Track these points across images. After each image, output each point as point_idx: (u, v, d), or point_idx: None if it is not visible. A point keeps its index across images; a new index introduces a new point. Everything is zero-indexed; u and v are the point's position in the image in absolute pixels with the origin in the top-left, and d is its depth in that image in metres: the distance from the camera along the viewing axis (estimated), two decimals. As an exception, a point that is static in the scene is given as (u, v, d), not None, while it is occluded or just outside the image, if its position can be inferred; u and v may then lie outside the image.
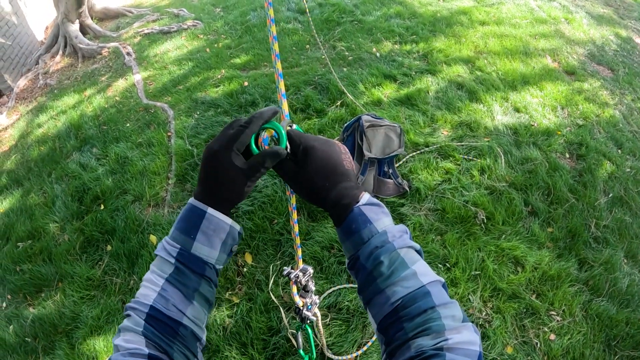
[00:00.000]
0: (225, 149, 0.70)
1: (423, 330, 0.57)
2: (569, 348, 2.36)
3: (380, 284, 0.64)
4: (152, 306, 0.65)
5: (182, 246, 0.69)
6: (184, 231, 0.69)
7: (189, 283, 0.68)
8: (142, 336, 0.63)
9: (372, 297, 0.65)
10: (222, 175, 0.70)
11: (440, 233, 2.86)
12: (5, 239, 3.39)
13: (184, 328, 0.66)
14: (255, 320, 2.38)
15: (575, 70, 4.93)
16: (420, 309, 0.59)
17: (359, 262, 0.68)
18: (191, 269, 0.68)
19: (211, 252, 0.70)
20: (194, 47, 5.81)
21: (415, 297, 0.60)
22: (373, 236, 0.67)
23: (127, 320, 0.65)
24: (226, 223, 0.71)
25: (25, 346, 2.57)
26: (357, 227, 0.68)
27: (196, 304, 0.69)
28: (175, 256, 0.68)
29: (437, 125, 3.77)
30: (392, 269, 0.64)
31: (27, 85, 6.42)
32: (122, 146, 3.92)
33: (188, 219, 0.70)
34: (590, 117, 4.16)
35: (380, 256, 0.65)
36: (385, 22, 5.65)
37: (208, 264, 0.70)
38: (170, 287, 0.67)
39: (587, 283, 2.73)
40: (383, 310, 0.63)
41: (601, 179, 3.48)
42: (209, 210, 0.69)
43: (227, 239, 0.72)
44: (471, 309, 2.46)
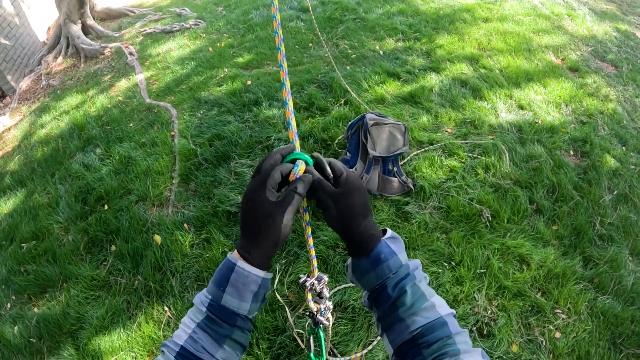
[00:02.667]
0: (259, 188, 0.72)
1: (440, 355, 0.63)
2: (575, 346, 2.36)
3: (401, 314, 0.70)
4: (183, 346, 0.69)
5: (212, 297, 0.72)
6: (216, 283, 0.72)
7: (220, 330, 0.71)
8: None
9: (392, 324, 0.71)
10: (259, 214, 0.72)
11: (445, 231, 2.85)
12: (9, 239, 3.39)
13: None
14: (261, 319, 2.37)
15: (578, 67, 4.91)
16: (438, 337, 0.66)
17: (385, 292, 0.72)
18: (222, 320, 0.71)
19: (241, 305, 0.71)
20: (197, 46, 5.81)
21: (434, 326, 0.67)
22: (400, 266, 0.73)
23: (161, 356, 0.70)
24: (257, 276, 0.72)
25: (31, 347, 2.56)
26: (385, 257, 0.73)
27: (227, 348, 0.71)
28: (206, 306, 0.71)
29: (441, 123, 3.76)
30: (413, 300, 0.70)
31: (29, 86, 6.43)
32: (125, 146, 3.91)
33: (220, 271, 0.73)
34: (594, 114, 4.14)
35: (405, 286, 0.71)
36: (388, 20, 5.64)
37: (240, 315, 0.72)
38: (200, 331, 0.70)
39: (592, 281, 2.73)
40: (402, 337, 0.69)
41: (606, 176, 3.46)
42: (238, 263, 0.71)
43: (260, 290, 0.73)
44: (476, 307, 2.45)
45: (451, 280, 2.56)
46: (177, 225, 3.01)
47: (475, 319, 2.41)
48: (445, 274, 2.58)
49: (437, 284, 2.53)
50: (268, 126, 3.73)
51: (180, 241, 2.90)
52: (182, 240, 2.90)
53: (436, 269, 2.60)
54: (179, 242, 2.90)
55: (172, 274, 2.73)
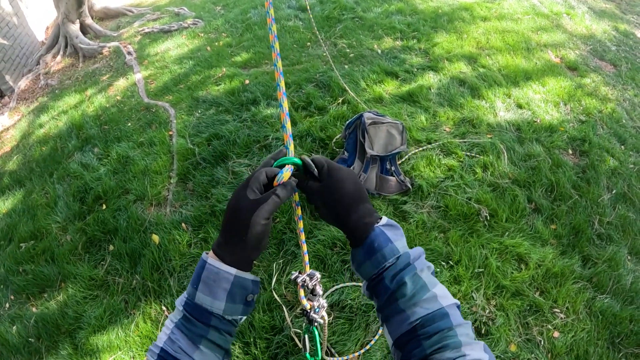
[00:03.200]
0: (243, 187, 0.74)
1: (441, 347, 0.62)
2: (573, 345, 2.36)
3: (401, 305, 0.68)
4: (162, 348, 0.70)
5: (188, 296, 0.73)
6: (191, 282, 0.73)
7: (195, 330, 0.71)
8: None
9: (391, 315, 0.70)
10: (234, 210, 0.73)
11: (443, 230, 2.85)
12: (7, 239, 3.39)
13: None
14: (258, 319, 2.37)
15: (577, 66, 4.90)
16: (438, 329, 0.64)
17: (382, 284, 0.71)
18: (196, 318, 0.71)
19: (214, 302, 0.71)
20: (195, 45, 5.80)
21: (434, 317, 0.65)
22: (398, 257, 0.71)
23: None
24: (228, 273, 0.71)
25: (29, 347, 2.57)
26: (379, 245, 0.72)
27: (204, 349, 0.71)
28: (183, 305, 0.72)
29: (440, 122, 3.76)
30: (414, 291, 0.68)
31: (28, 85, 6.42)
32: (123, 146, 3.91)
33: (196, 270, 0.74)
34: (593, 113, 4.14)
35: (404, 278, 0.69)
36: (387, 19, 5.64)
37: (214, 314, 0.71)
38: (177, 331, 0.71)
39: (591, 280, 2.72)
40: (401, 329, 0.67)
41: (604, 175, 3.46)
42: (208, 260, 0.72)
43: (234, 289, 0.72)
44: (474, 306, 2.45)
45: (449, 280, 2.56)
46: (175, 225, 3.01)
47: (474, 318, 2.41)
48: (443, 273, 2.58)
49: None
50: (266, 125, 3.73)
51: (178, 240, 2.89)
52: (180, 240, 2.90)
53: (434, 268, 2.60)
54: (177, 242, 2.89)
55: (170, 274, 2.73)
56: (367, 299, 2.39)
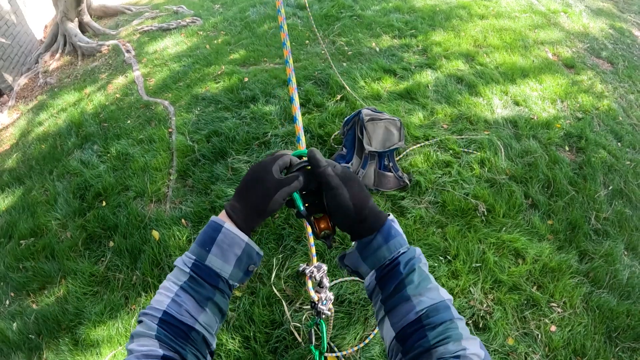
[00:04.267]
0: (270, 162, 0.77)
1: (444, 338, 0.63)
2: (570, 339, 2.38)
3: (408, 291, 0.70)
4: (165, 311, 0.68)
5: (197, 257, 0.73)
6: (201, 244, 0.73)
7: (203, 291, 0.71)
8: (155, 339, 0.65)
9: (397, 305, 0.70)
10: (260, 182, 0.76)
11: (440, 226, 2.87)
12: (7, 236, 3.40)
13: (196, 333, 0.69)
14: (258, 313, 2.39)
15: (574, 64, 4.93)
16: (442, 319, 0.66)
17: (397, 268, 0.73)
18: (205, 280, 0.72)
19: (224, 266, 0.73)
20: (194, 43, 5.81)
21: (438, 308, 0.67)
22: (409, 247, 0.75)
23: (140, 326, 0.68)
24: (242, 239, 0.74)
25: (29, 343, 2.58)
26: (396, 232, 0.76)
27: (209, 311, 0.72)
28: (190, 266, 0.72)
29: (437, 119, 3.78)
30: (420, 279, 0.71)
31: (27, 84, 6.42)
32: (123, 143, 3.92)
33: (206, 232, 0.74)
34: (589, 110, 4.16)
35: (414, 265, 0.72)
36: (385, 17, 5.65)
37: (222, 277, 0.73)
38: (184, 293, 0.70)
39: (587, 275, 2.75)
40: (407, 319, 0.68)
41: (601, 172, 3.49)
42: (225, 224, 0.74)
43: (242, 256, 0.75)
44: (472, 300, 2.47)
45: (447, 274, 2.58)
46: (175, 221, 3.03)
47: (471, 312, 2.43)
48: (441, 268, 2.60)
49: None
50: (265, 122, 3.74)
51: (178, 236, 2.91)
52: (179, 236, 2.91)
53: (432, 263, 2.62)
54: (177, 238, 2.91)
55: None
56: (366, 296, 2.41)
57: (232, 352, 2.25)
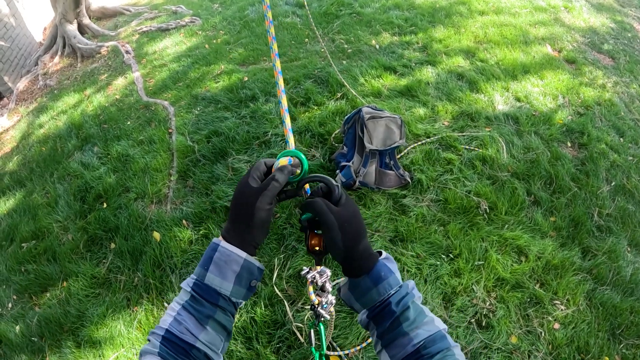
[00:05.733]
0: (245, 177, 0.80)
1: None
2: (574, 337, 2.37)
3: (405, 328, 0.73)
4: (167, 329, 0.71)
5: (197, 277, 0.76)
6: (202, 264, 0.76)
7: (203, 310, 0.73)
8: (158, 356, 0.68)
9: (395, 339, 0.73)
10: (239, 198, 0.78)
11: (442, 224, 2.86)
12: (9, 239, 3.40)
13: (197, 351, 0.71)
14: (260, 314, 2.38)
15: (575, 59, 4.90)
16: (439, 349, 0.69)
17: (388, 308, 0.75)
18: (205, 298, 0.74)
19: (223, 283, 0.74)
20: (193, 43, 5.80)
21: (435, 339, 0.71)
22: (400, 286, 0.77)
23: (147, 344, 0.71)
24: (239, 256, 0.76)
25: (32, 345, 2.58)
26: (385, 274, 0.77)
27: (210, 330, 0.73)
28: (191, 286, 0.75)
29: (438, 116, 3.76)
30: (416, 315, 0.74)
31: (27, 86, 6.42)
32: (123, 144, 3.92)
33: (206, 253, 0.77)
34: (591, 106, 4.14)
35: (407, 303, 0.75)
36: (384, 14, 5.63)
37: (222, 295, 0.75)
38: (184, 312, 0.73)
39: (590, 272, 2.74)
40: (405, 351, 0.71)
41: (603, 168, 3.47)
42: (221, 243, 0.76)
43: (242, 272, 0.76)
44: (475, 299, 2.46)
45: (449, 273, 2.57)
46: (176, 222, 3.02)
47: (474, 310, 2.42)
48: (443, 266, 2.59)
49: (436, 276, 2.54)
50: (265, 122, 3.73)
51: (179, 237, 2.90)
52: (181, 237, 2.91)
53: (434, 261, 2.61)
54: (178, 239, 2.90)
55: (172, 270, 2.74)
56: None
57: (235, 353, 2.25)
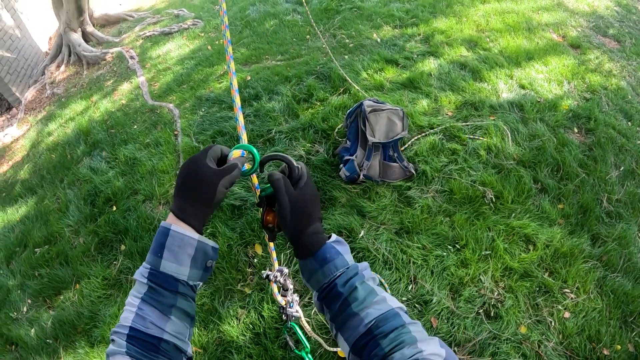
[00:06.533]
0: (201, 155, 0.77)
1: (398, 344, 0.64)
2: (584, 326, 2.33)
3: (354, 308, 0.71)
4: (131, 327, 0.68)
5: (152, 266, 0.71)
6: (153, 251, 0.72)
7: (164, 300, 0.71)
8: (126, 356, 0.65)
9: (346, 321, 0.71)
10: (199, 177, 0.75)
11: (448, 214, 2.84)
12: (22, 245, 3.48)
13: (165, 343, 0.69)
14: (267, 309, 2.40)
15: (580, 44, 4.83)
16: (393, 327, 0.66)
17: (335, 290, 0.74)
18: (163, 287, 0.71)
19: (180, 269, 0.72)
20: (196, 45, 5.84)
21: (387, 317, 0.68)
22: (347, 267, 0.76)
23: (112, 345, 0.68)
24: (192, 238, 0.73)
25: (47, 347, 2.64)
26: (331, 256, 0.76)
27: (175, 319, 0.72)
28: (147, 276, 0.71)
29: (441, 107, 3.74)
30: (366, 295, 0.72)
31: (35, 96, 6.53)
32: (130, 148, 3.97)
33: (156, 239, 0.73)
34: (597, 90, 4.08)
35: (355, 283, 0.73)
36: (385, 7, 5.60)
37: (180, 280, 0.72)
38: (146, 305, 0.70)
39: (601, 259, 2.69)
40: (357, 332, 0.69)
41: (612, 153, 3.41)
42: (172, 226, 0.72)
43: (197, 255, 0.74)
44: (482, 289, 2.44)
45: (456, 263, 2.56)
46: (183, 222, 3.05)
47: (482, 301, 2.40)
48: (450, 257, 2.58)
49: (442, 267, 2.53)
50: (269, 119, 3.75)
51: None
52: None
53: (441, 252, 2.60)
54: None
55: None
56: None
57: (244, 349, 2.27)
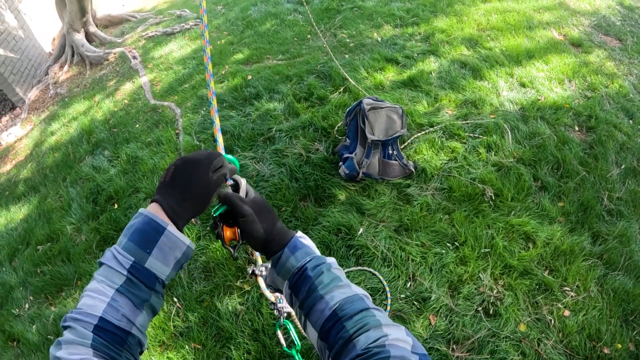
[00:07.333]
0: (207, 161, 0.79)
1: (362, 326, 0.64)
2: (585, 324, 2.31)
3: (320, 291, 0.73)
4: (102, 317, 0.64)
5: (135, 259, 0.69)
6: (140, 244, 0.70)
7: (140, 294, 0.69)
8: (90, 348, 0.61)
9: (313, 305, 0.73)
10: (201, 183, 0.78)
11: (447, 212, 2.84)
12: (25, 243, 3.51)
13: (132, 337, 0.68)
14: (266, 305, 2.41)
15: (581, 42, 4.81)
16: (357, 309, 0.68)
17: (305, 274, 0.77)
18: (143, 282, 0.70)
19: (164, 269, 0.72)
20: (197, 45, 5.87)
21: (352, 300, 0.70)
22: (316, 255, 0.81)
23: (70, 332, 0.62)
24: (184, 242, 0.74)
25: (49, 344, 2.63)
26: (302, 245, 0.83)
27: (144, 313, 0.71)
28: (127, 268, 0.68)
29: (441, 105, 3.74)
30: (330, 279, 0.75)
31: (38, 96, 6.58)
32: (132, 146, 4.00)
33: (145, 232, 0.71)
34: (599, 89, 4.06)
35: (322, 269, 0.77)
36: (385, 6, 5.60)
37: (159, 279, 0.72)
38: (121, 297, 0.67)
39: (601, 257, 2.68)
40: (323, 315, 0.70)
41: (613, 151, 3.39)
42: (169, 227, 0.72)
43: (182, 259, 0.75)
44: (482, 287, 2.44)
45: (455, 261, 2.56)
46: (184, 220, 3.06)
47: (481, 298, 2.39)
48: (449, 255, 2.58)
49: (441, 265, 2.53)
50: (269, 118, 3.76)
51: (187, 234, 2.95)
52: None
53: (440, 250, 2.60)
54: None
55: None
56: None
57: (242, 345, 2.28)
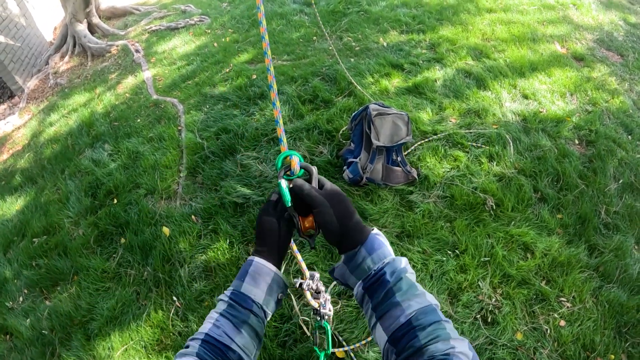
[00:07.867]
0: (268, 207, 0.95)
1: (434, 338, 0.68)
2: (579, 334, 2.36)
3: (398, 298, 0.76)
4: (207, 334, 0.80)
5: (234, 288, 0.88)
6: (238, 277, 0.89)
7: (239, 315, 0.83)
8: (195, 357, 0.76)
9: (388, 310, 0.76)
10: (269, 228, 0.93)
11: (449, 220, 2.87)
12: (21, 235, 3.46)
13: (232, 352, 0.79)
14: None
15: (584, 56, 4.87)
16: (431, 321, 0.71)
17: (383, 277, 0.79)
18: (240, 305, 0.84)
19: (257, 292, 0.86)
20: (202, 42, 5.84)
21: (427, 311, 0.73)
22: (393, 258, 0.82)
23: (185, 349, 0.79)
24: (270, 269, 0.89)
25: (42, 339, 2.62)
26: (379, 245, 0.83)
27: (245, 334, 0.82)
28: (229, 295, 0.86)
29: (445, 114, 3.76)
30: (408, 287, 0.77)
31: (37, 85, 6.52)
32: (133, 141, 3.97)
33: (243, 268, 0.90)
34: (599, 103, 4.11)
35: (401, 274, 0.78)
36: (392, 12, 5.63)
37: (256, 302, 0.85)
38: (222, 318, 0.83)
39: (597, 269, 2.72)
40: (398, 322, 0.74)
41: (611, 165, 3.44)
42: (255, 259, 0.90)
43: (273, 284, 0.89)
44: (480, 295, 2.46)
45: (455, 268, 2.58)
46: (185, 217, 3.06)
47: (480, 306, 2.42)
48: (449, 262, 2.60)
49: (442, 272, 2.55)
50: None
51: (188, 232, 2.94)
52: (190, 232, 2.95)
53: (440, 257, 2.62)
54: (187, 234, 2.94)
55: (181, 265, 2.78)
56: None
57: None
